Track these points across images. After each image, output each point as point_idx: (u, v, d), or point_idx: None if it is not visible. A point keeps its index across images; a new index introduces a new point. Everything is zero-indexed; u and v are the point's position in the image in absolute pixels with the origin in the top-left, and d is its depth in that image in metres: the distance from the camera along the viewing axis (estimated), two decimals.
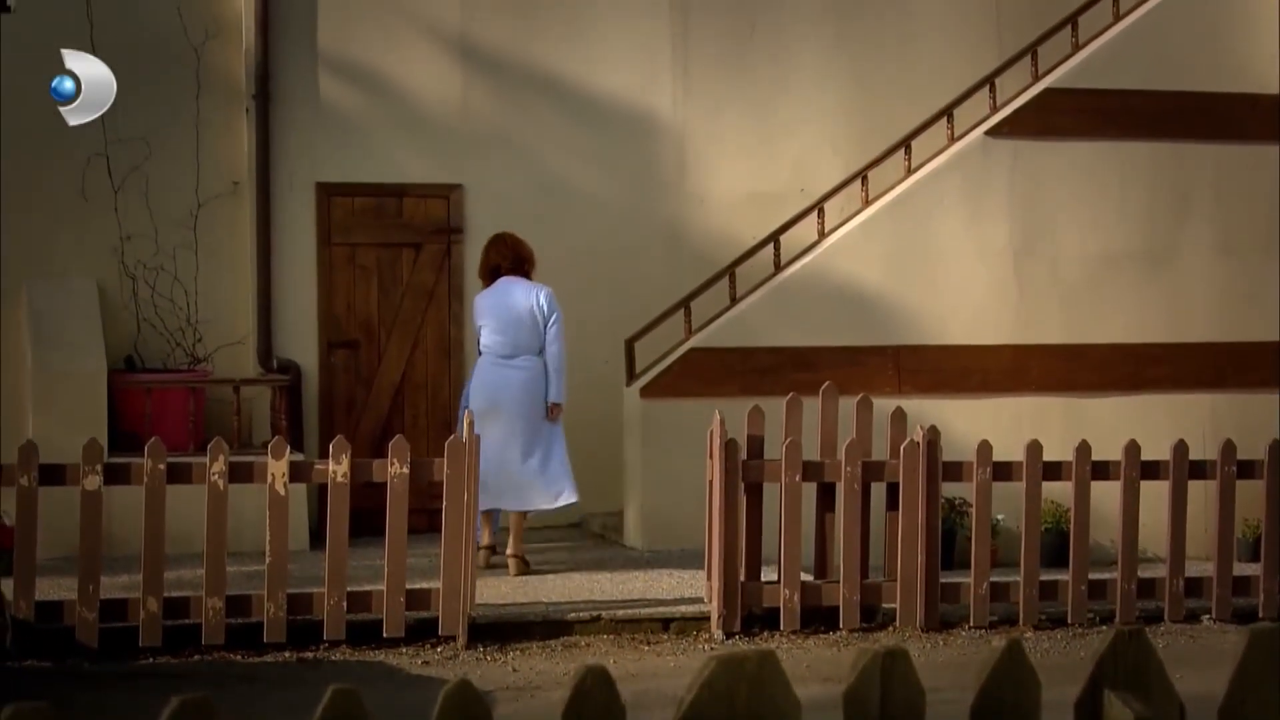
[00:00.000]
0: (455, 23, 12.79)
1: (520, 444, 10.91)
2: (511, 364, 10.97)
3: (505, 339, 10.96)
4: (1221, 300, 12.58)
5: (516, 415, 10.91)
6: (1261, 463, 10.14)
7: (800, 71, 13.29)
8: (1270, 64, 12.56)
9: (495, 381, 10.94)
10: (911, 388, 11.88)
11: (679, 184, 13.12)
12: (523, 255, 11.12)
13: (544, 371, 10.99)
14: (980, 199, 12.19)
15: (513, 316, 10.96)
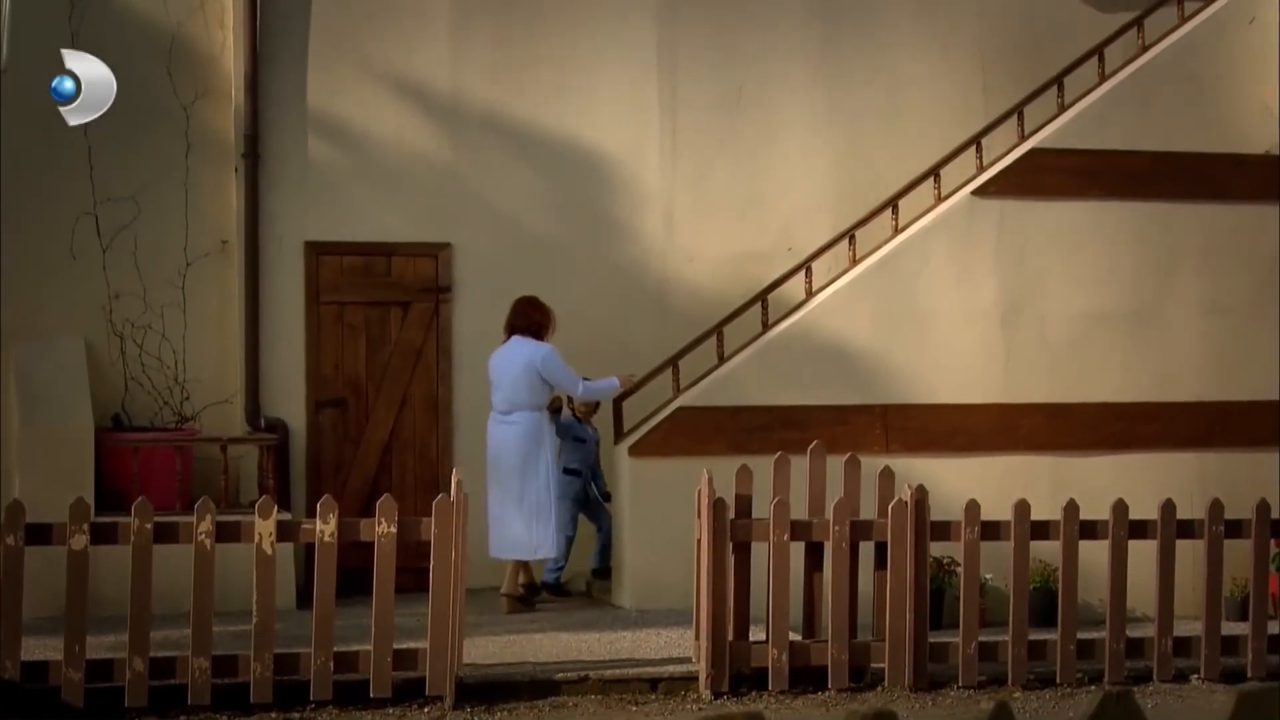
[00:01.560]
0: (444, 83, 12.83)
1: (513, 496, 11.53)
2: (507, 419, 11.61)
3: (502, 395, 11.64)
4: (1208, 360, 12.61)
5: (510, 469, 11.55)
6: (1249, 522, 10.15)
7: (787, 132, 13.35)
8: (1255, 124, 12.62)
9: (494, 437, 11.65)
10: (899, 446, 11.89)
11: (667, 243, 13.16)
12: (535, 317, 11.77)
13: (539, 427, 11.57)
14: (967, 258, 12.23)
15: (511, 374, 11.61)
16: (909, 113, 13.50)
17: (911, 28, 13.59)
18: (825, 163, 13.37)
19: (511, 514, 11.54)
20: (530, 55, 12.96)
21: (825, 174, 13.36)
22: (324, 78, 12.63)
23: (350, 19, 12.68)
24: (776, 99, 13.36)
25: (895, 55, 13.55)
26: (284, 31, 12.57)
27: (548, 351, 11.62)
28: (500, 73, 12.92)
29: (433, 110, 12.83)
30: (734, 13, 13.31)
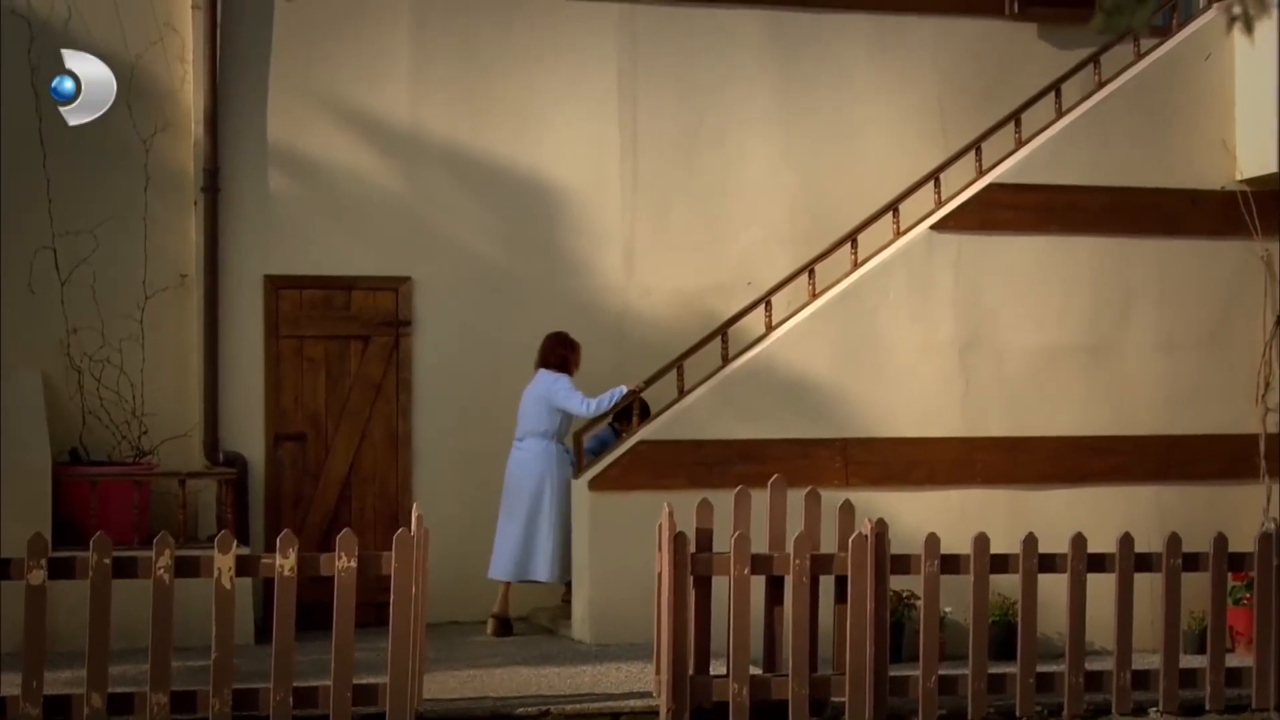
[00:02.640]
0: (405, 118, 12.85)
1: (515, 519, 12.12)
2: (519, 446, 12.24)
3: (519, 423, 12.27)
4: (1165, 394, 12.69)
5: (516, 492, 12.14)
6: (1207, 555, 10.20)
7: (746, 167, 13.42)
8: (1211, 160, 12.73)
9: (509, 462, 12.25)
10: (859, 480, 11.92)
11: (627, 277, 13.19)
12: (561, 352, 12.27)
13: (547, 454, 12.11)
14: (926, 292, 12.28)
15: (527, 403, 12.24)
16: (867, 148, 13.58)
17: (869, 63, 13.68)
18: (784, 197, 13.44)
19: (509, 535, 12.11)
20: (491, 90, 13.00)
21: (784, 208, 13.43)
22: (284, 112, 12.63)
23: (311, 54, 12.70)
24: (736, 134, 13.43)
25: (853, 91, 13.63)
26: (244, 66, 12.57)
27: (553, 379, 12.12)
28: (461, 108, 12.95)
29: (393, 145, 12.85)
30: (693, 49, 13.38)
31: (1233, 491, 12.67)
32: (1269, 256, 12.80)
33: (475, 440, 12.76)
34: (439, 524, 11.26)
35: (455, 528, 12.24)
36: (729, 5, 13.44)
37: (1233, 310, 12.83)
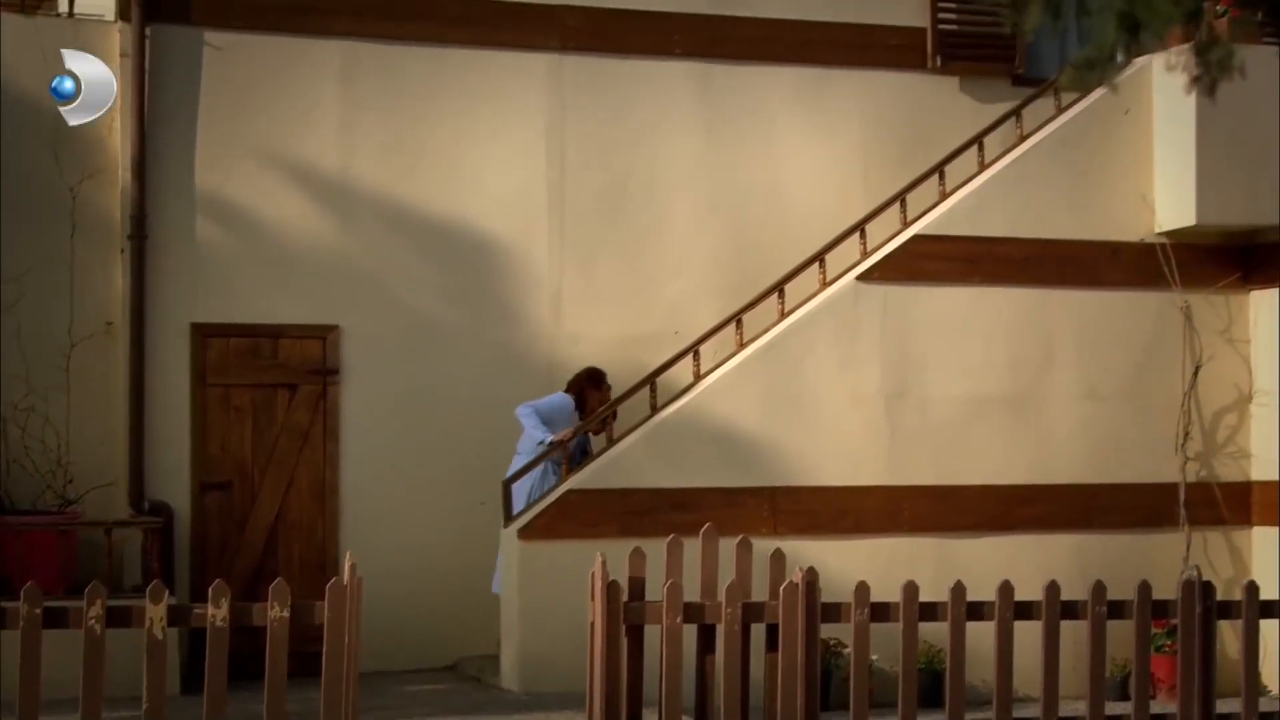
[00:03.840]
0: (334, 166, 12.87)
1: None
2: (515, 458, 12.42)
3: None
4: (1086, 443, 12.86)
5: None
6: (1131, 603, 10.31)
7: (674, 218, 13.52)
8: (1131, 212, 12.93)
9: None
10: (787, 529, 12.00)
11: (555, 327, 13.25)
12: (580, 385, 12.67)
13: (541, 469, 12.20)
14: (852, 342, 12.40)
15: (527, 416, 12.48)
16: (793, 198, 13.72)
17: (795, 116, 13.83)
18: (711, 247, 13.55)
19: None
20: (419, 140, 13.05)
21: (711, 258, 13.54)
22: (213, 160, 12.63)
23: (240, 102, 12.70)
24: (663, 184, 13.54)
25: (779, 143, 13.78)
26: (173, 114, 12.55)
27: (540, 402, 12.42)
28: (390, 158, 12.98)
29: (322, 193, 12.86)
30: (621, 100, 13.49)
31: (1152, 540, 12.85)
32: (1188, 308, 13.01)
33: (403, 489, 12.76)
34: (366, 573, 11.20)
35: (384, 576, 12.17)
36: (656, 57, 13.56)
37: (1152, 361, 13.02)
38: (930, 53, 14.14)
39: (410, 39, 13.04)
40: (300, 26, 12.79)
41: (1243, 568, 12.99)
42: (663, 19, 13.58)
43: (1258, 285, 13.13)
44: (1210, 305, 13.10)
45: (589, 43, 13.45)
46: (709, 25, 13.67)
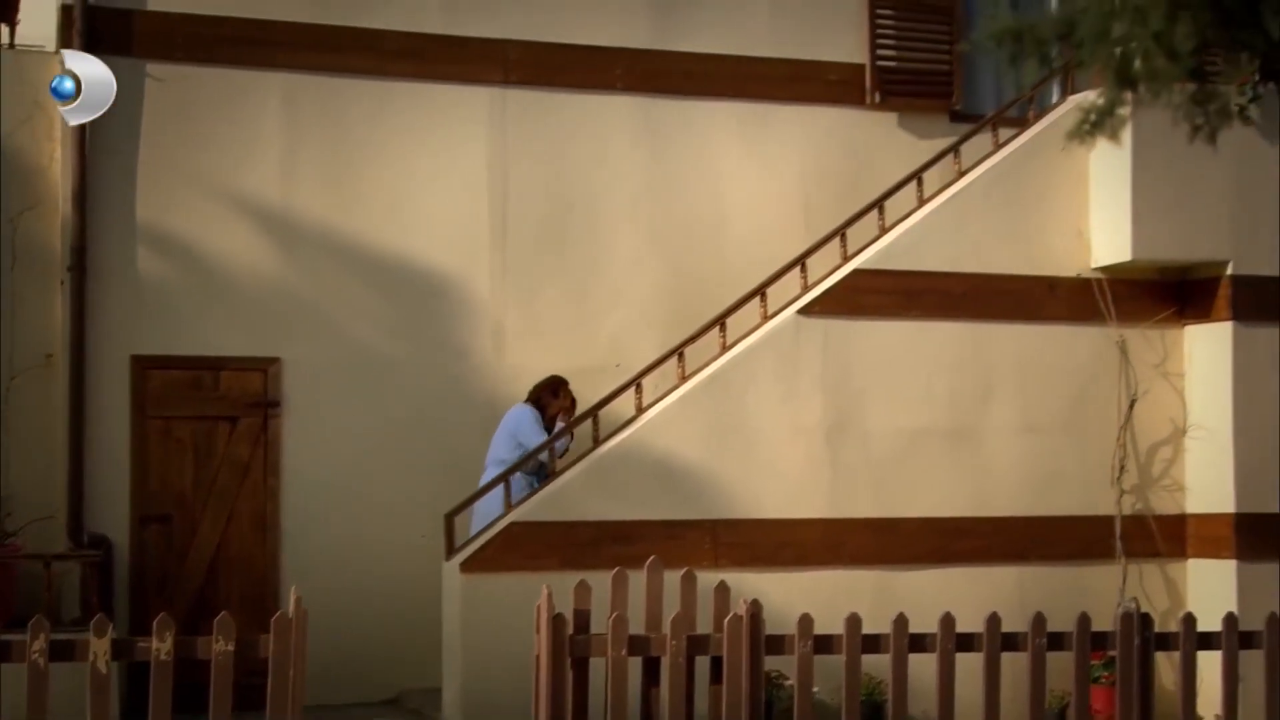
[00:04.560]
0: (276, 198, 12.87)
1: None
2: (486, 470, 12.43)
3: (489, 451, 12.57)
4: (1024, 476, 12.96)
5: (483, 517, 12.05)
6: (1071, 635, 10.40)
7: (616, 251, 13.58)
8: (1068, 247, 13.07)
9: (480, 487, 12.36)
10: (728, 561, 12.03)
11: (497, 359, 13.27)
12: (540, 392, 12.74)
13: (512, 481, 12.08)
14: (793, 376, 12.47)
15: (497, 433, 12.58)
16: (734, 232, 13.82)
17: (736, 151, 13.93)
18: (653, 281, 13.61)
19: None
20: (362, 172, 13.07)
21: (653, 291, 13.60)
22: (154, 191, 12.60)
23: (182, 134, 12.68)
24: (605, 217, 13.60)
25: (720, 177, 13.88)
26: (114, 145, 12.52)
27: (521, 412, 12.57)
28: (332, 190, 12.99)
29: (264, 225, 12.85)
30: (563, 133, 13.54)
31: (1089, 572, 12.95)
32: (1124, 342, 13.15)
33: (345, 521, 12.74)
34: (308, 605, 11.17)
35: (325, 609, 12.14)
36: (598, 91, 13.64)
37: (1089, 394, 13.15)
38: (869, 88, 14.28)
39: (353, 71, 13.07)
40: (242, 58, 12.79)
41: (1178, 600, 13.12)
42: (604, 53, 13.66)
43: (1192, 320, 13.29)
44: (1146, 339, 13.24)
45: (531, 76, 13.51)
46: (650, 59, 13.76)
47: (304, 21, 12.93)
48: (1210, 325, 13.17)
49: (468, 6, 13.35)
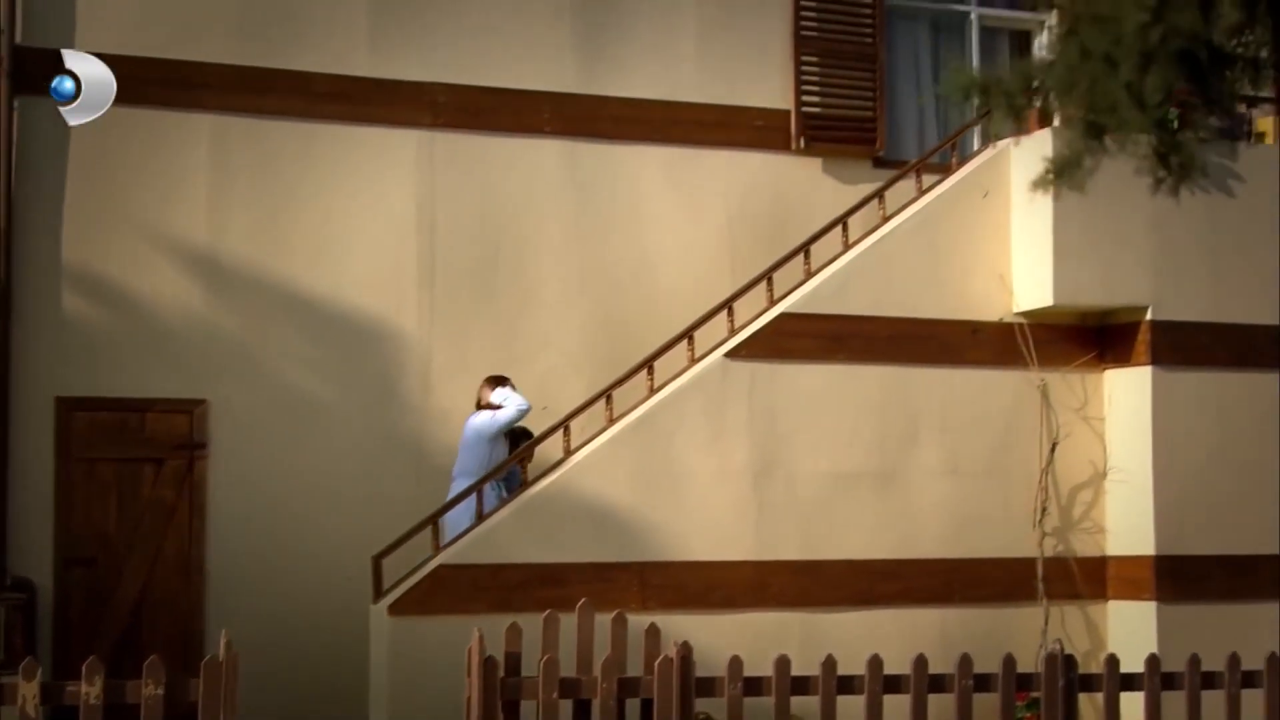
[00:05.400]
0: (203, 238, 12.84)
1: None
2: (453, 483, 12.46)
3: (456, 461, 12.61)
4: (948, 518, 13.09)
5: (454, 527, 12.09)
6: (996, 676, 10.50)
7: (543, 294, 13.63)
8: (990, 292, 13.23)
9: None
10: (656, 603, 12.07)
11: (424, 401, 13.27)
12: (481, 394, 12.72)
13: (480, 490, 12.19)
14: (721, 419, 12.54)
15: (462, 442, 12.62)
16: (661, 276, 13.90)
17: (663, 194, 14.03)
18: (581, 324, 13.67)
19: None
20: (290, 215, 13.06)
21: (581, 335, 13.65)
22: (81, 232, 12.55)
23: (109, 175, 12.64)
24: (533, 261, 13.65)
25: (648, 221, 13.97)
26: (39, 184, 12.47)
27: (484, 416, 12.56)
28: (260, 231, 12.98)
29: (191, 266, 12.81)
30: (491, 177, 13.60)
31: (1012, 614, 13.09)
32: (1045, 386, 13.31)
33: (271, 564, 12.68)
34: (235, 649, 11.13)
35: (252, 653, 12.03)
36: (526, 135, 13.71)
37: (1011, 438, 13.30)
38: (794, 134, 14.42)
39: (281, 114, 13.07)
40: (170, 100, 12.77)
41: (1099, 641, 13.27)
42: (533, 97, 13.74)
43: (1113, 364, 13.48)
44: (1067, 384, 13.41)
45: (459, 120, 13.56)
46: (578, 104, 13.85)
47: (233, 63, 12.93)
48: (1130, 370, 13.36)
49: (396, 49, 13.40)
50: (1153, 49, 6.16)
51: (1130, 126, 6.63)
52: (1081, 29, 6.43)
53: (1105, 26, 6.31)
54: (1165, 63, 6.23)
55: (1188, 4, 6.14)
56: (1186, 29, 6.17)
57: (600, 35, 13.92)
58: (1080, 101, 6.60)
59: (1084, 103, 6.57)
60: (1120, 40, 6.22)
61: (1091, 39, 6.37)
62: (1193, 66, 6.40)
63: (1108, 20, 6.29)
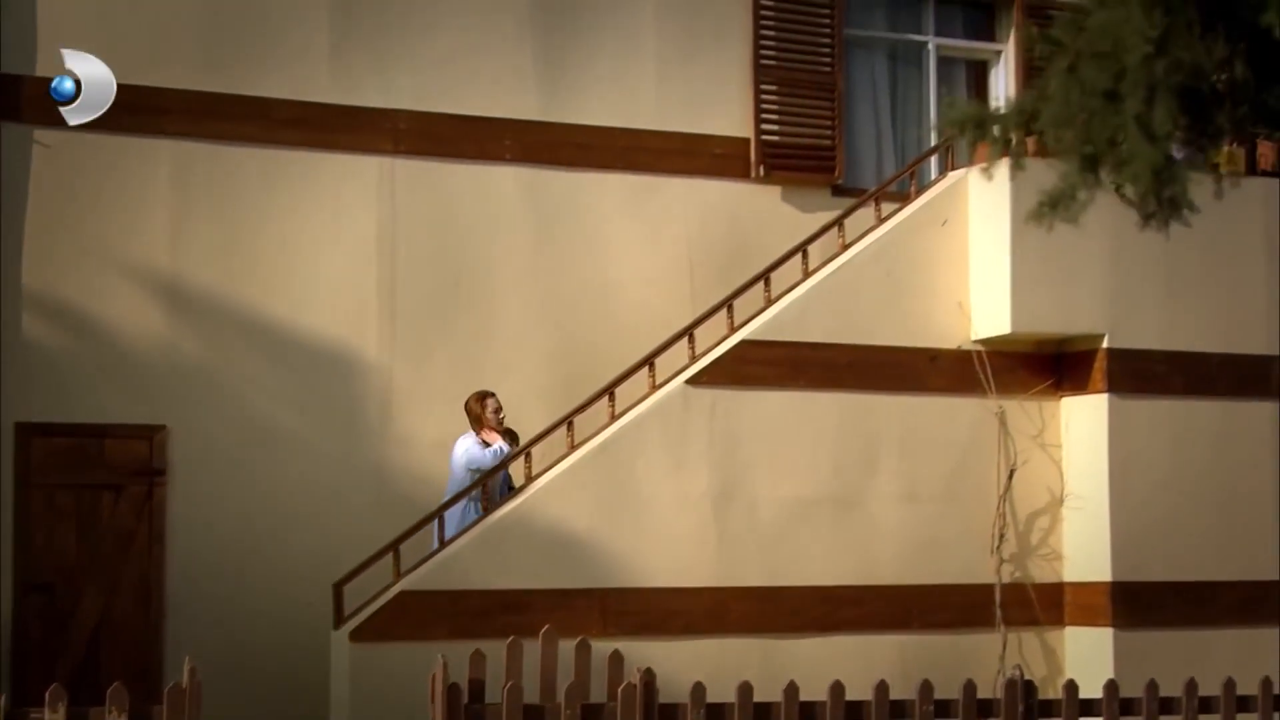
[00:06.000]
0: (165, 266, 12.82)
1: None
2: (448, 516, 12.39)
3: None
4: (907, 544, 13.16)
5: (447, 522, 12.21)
6: (956, 702, 10.55)
7: (505, 321, 13.65)
8: (949, 320, 13.32)
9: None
10: (617, 629, 12.08)
11: (384, 427, 13.27)
12: (468, 412, 12.82)
13: (465, 511, 12.29)
14: (682, 445, 12.59)
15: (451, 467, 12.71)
16: (622, 302, 13.93)
17: (624, 222, 14.08)
18: (541, 350, 13.69)
19: None
20: (251, 241, 13.05)
21: (541, 361, 13.67)
22: (41, 257, 12.51)
23: (70, 200, 12.60)
24: (493, 288, 13.66)
25: (608, 248, 14.01)
26: (1, 211, 12.41)
27: (465, 443, 12.64)
28: (221, 257, 12.96)
29: (151, 292, 12.79)
30: (453, 204, 13.62)
31: (970, 640, 13.17)
32: (1002, 413, 13.40)
33: (231, 591, 12.65)
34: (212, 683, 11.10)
35: (211, 680, 11.98)
36: (487, 161, 13.74)
37: (969, 464, 13.38)
38: (754, 162, 14.50)
39: (243, 139, 13.06)
40: (132, 126, 12.71)
41: (1056, 667, 13.35)
42: (494, 124, 13.77)
43: (1069, 392, 13.59)
44: (1024, 411, 13.51)
45: (420, 146, 13.58)
46: (539, 131, 13.89)
47: (194, 89, 12.91)
48: (1087, 397, 13.47)
49: (358, 76, 13.42)
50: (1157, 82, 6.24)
51: (1139, 159, 6.71)
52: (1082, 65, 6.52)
53: (1105, 63, 6.40)
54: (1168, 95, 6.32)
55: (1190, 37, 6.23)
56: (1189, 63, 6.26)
57: (561, 63, 13.97)
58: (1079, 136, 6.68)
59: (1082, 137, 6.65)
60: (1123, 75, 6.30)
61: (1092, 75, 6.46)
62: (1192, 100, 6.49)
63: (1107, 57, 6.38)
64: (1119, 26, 6.19)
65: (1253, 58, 6.20)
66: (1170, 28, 6.12)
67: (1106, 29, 6.32)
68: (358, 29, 13.42)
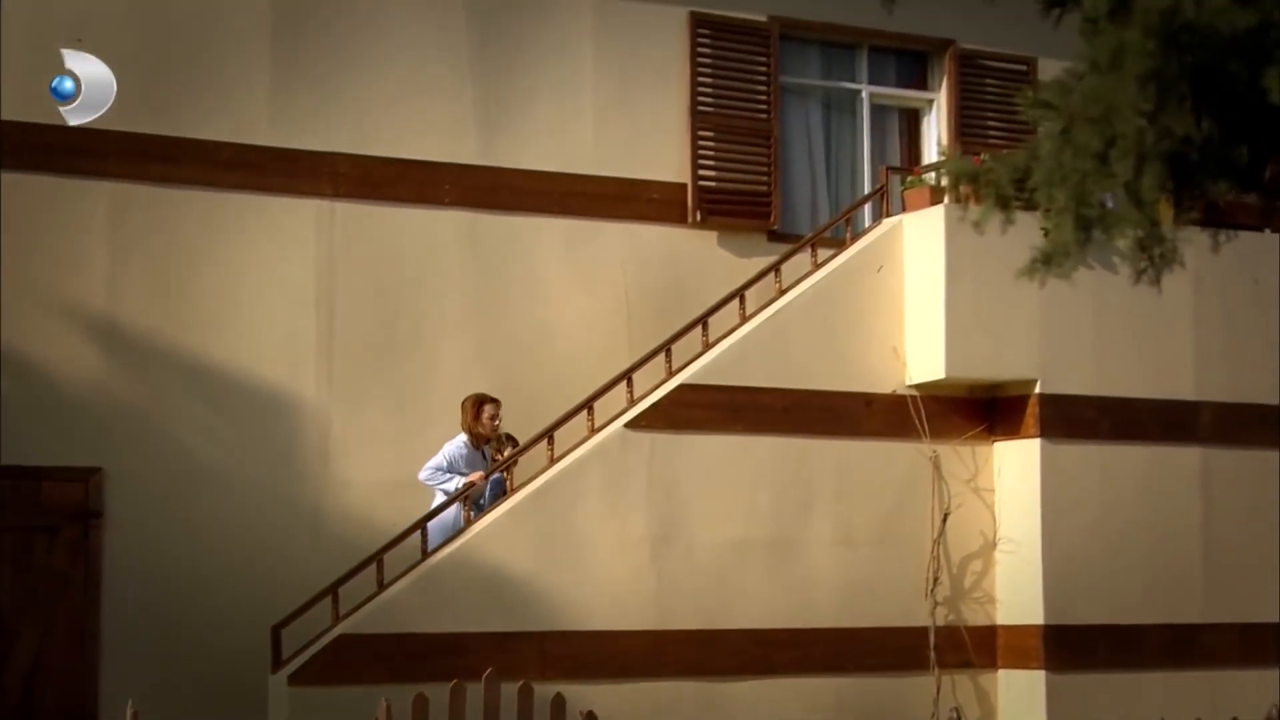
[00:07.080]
0: (101, 308, 12.77)
1: None
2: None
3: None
4: (843, 587, 13.25)
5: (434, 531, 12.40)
6: None
7: (443, 363, 13.67)
8: (884, 365, 13.45)
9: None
10: (556, 673, 12.09)
11: (323, 470, 13.25)
12: (463, 418, 12.99)
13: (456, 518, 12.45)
14: (621, 488, 12.65)
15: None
16: (560, 347, 13.98)
17: (562, 266, 14.14)
18: (480, 393, 13.68)
19: None
20: (190, 283, 13.02)
21: None
22: None
23: (6, 241, 12.50)
24: (432, 331, 13.69)
25: (547, 292, 14.06)
26: None
27: (429, 466, 12.72)
28: (160, 299, 12.92)
29: (88, 333, 12.73)
30: (391, 247, 13.64)
31: (905, 682, 13.27)
32: (937, 457, 13.54)
33: (168, 635, 12.57)
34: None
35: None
36: (426, 206, 13.78)
37: (904, 508, 13.50)
38: (691, 207, 14.60)
39: (182, 182, 13.04)
40: (70, 167, 12.69)
41: (989, 710, 13.48)
42: (433, 168, 13.82)
43: (1002, 436, 13.74)
44: (958, 455, 13.65)
45: (359, 190, 13.61)
46: (478, 175, 13.94)
47: (134, 131, 12.87)
48: (1019, 442, 13.62)
49: (297, 119, 13.43)
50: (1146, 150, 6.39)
51: (1126, 223, 6.86)
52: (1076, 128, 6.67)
53: (1099, 127, 6.55)
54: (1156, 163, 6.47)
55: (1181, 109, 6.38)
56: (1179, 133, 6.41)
57: (500, 108, 14.04)
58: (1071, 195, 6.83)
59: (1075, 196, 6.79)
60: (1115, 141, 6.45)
61: (1085, 138, 6.61)
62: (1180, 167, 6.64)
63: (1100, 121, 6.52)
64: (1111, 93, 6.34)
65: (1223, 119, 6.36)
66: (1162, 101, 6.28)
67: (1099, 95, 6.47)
68: (298, 72, 13.45)
